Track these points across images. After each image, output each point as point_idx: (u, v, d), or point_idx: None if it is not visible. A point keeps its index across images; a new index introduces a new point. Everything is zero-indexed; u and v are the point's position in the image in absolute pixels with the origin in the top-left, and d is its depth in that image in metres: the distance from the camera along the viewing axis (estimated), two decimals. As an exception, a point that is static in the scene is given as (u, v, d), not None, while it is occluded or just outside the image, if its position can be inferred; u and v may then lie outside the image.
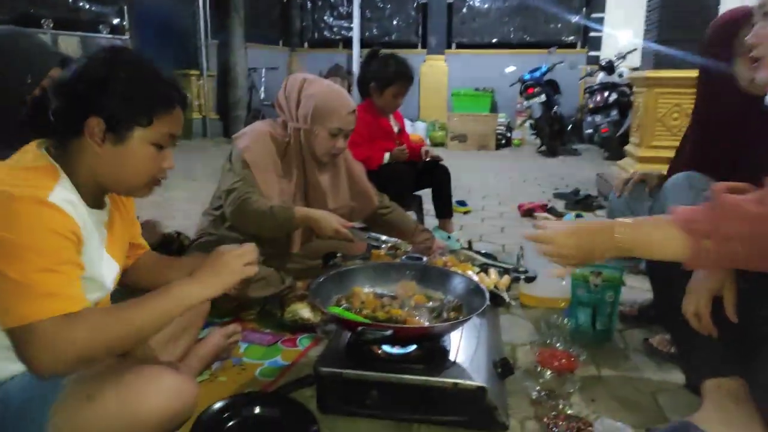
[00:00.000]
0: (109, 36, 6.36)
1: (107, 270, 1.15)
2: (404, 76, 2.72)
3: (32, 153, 1.07)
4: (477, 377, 1.34)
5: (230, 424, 1.32)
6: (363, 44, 8.72)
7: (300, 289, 2.13)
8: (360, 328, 1.33)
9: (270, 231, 1.90)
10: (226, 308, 2.08)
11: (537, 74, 7.33)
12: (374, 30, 10.02)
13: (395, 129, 2.83)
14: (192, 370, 1.50)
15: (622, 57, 6.79)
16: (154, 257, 1.39)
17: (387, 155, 2.69)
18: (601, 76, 6.88)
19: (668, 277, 1.41)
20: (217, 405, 1.34)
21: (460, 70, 9.10)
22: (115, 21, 6.60)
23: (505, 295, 1.81)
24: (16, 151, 1.08)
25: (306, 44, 10.45)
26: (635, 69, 5.43)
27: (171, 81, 1.12)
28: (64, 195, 1.01)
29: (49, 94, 1.05)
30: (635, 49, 6.40)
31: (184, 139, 1.85)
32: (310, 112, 1.98)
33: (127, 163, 1.08)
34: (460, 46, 9.74)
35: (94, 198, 1.11)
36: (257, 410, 1.36)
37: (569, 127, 7.68)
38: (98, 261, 1.11)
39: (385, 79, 2.70)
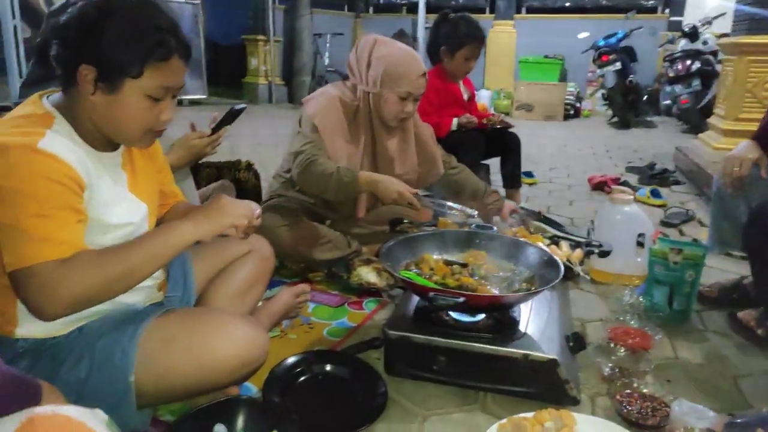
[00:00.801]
0: (183, 2, 6.50)
1: (133, 210, 1.14)
2: (476, 38, 2.64)
3: (31, 102, 1.07)
4: (548, 350, 1.31)
5: (302, 379, 1.36)
6: (428, 9, 8.53)
7: (366, 253, 2.16)
8: (431, 294, 1.32)
9: (334, 194, 1.90)
10: (294, 269, 2.13)
11: (613, 40, 6.94)
12: (441, -7, 9.76)
13: (465, 96, 2.76)
14: (262, 325, 1.55)
15: (708, 22, 6.31)
16: (188, 206, 1.37)
17: (455, 121, 2.64)
18: (683, 44, 6.44)
19: None
20: (290, 360, 1.39)
21: (529, 36, 8.76)
22: (187, -15, 6.73)
23: (579, 269, 1.75)
24: None
25: (371, 9, 10.32)
26: (723, 35, 5.04)
27: (168, 29, 1.03)
28: (57, 140, 1.00)
29: (48, 40, 1.02)
30: (724, 13, 5.94)
31: (251, 104, 1.86)
32: (379, 75, 1.95)
33: (120, 113, 1.04)
34: (530, 10, 9.35)
35: (102, 142, 1.09)
36: (327, 368, 1.40)
37: (645, 98, 7.28)
38: (118, 201, 1.11)
39: (456, 41, 2.63)
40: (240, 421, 1.13)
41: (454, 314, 1.43)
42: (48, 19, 1.08)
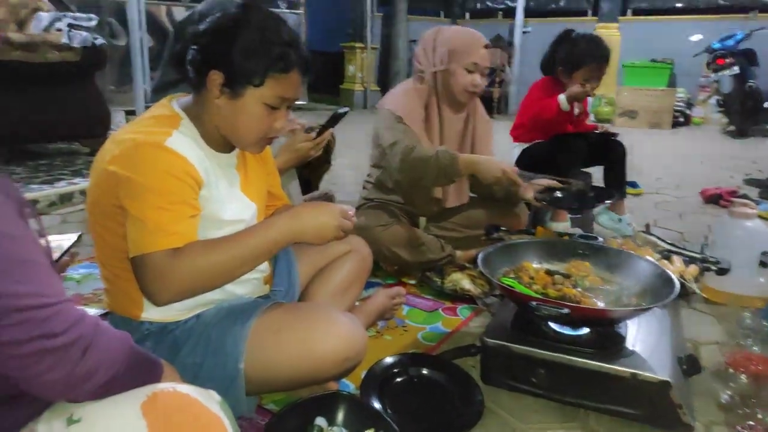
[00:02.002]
0: (286, 10, 6.82)
1: (243, 208, 1.21)
2: (596, 58, 2.45)
3: (161, 105, 1.17)
4: (660, 370, 1.23)
5: (398, 380, 1.37)
6: (527, 13, 8.33)
7: (461, 259, 2.14)
8: (533, 303, 1.29)
9: (434, 178, 1.89)
10: (388, 270, 2.16)
11: (730, 42, 6.41)
12: (540, -3, 9.49)
13: (576, 110, 2.59)
14: (363, 325, 1.59)
15: None
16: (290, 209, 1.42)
17: (562, 97, 2.41)
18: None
19: None
20: (387, 360, 1.40)
21: (634, 39, 8.28)
22: (293, -5, 7.06)
23: (694, 287, 1.63)
24: None
25: (467, 15, 10.26)
26: None
27: (291, 43, 1.09)
28: (182, 140, 1.08)
29: (187, 46, 1.10)
30: None
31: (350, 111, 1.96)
32: (446, 52, 2.00)
33: (239, 118, 1.11)
34: (637, 12, 8.85)
35: (221, 143, 1.17)
36: (424, 371, 1.40)
37: (765, 105, 6.65)
38: (231, 200, 1.18)
39: (574, 60, 2.46)
40: (340, 416, 1.16)
41: (555, 326, 1.38)
42: (183, 27, 1.18)
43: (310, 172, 2.45)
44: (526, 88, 2.79)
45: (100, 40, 3.53)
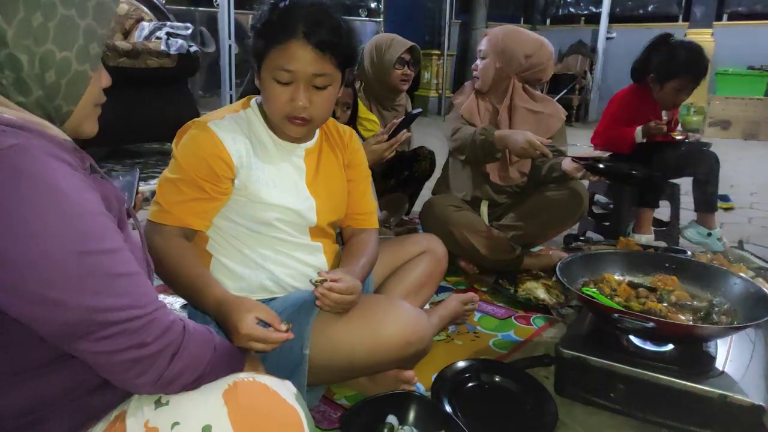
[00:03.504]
0: (366, 19, 6.96)
1: (296, 198, 1.22)
2: (694, 68, 2.34)
3: (244, 98, 1.25)
4: (752, 394, 1.16)
5: (469, 385, 1.37)
6: (612, 18, 8.02)
7: (535, 268, 2.11)
8: (616, 315, 1.24)
9: (480, 153, 2.06)
10: (463, 268, 2.16)
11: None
12: (627, 1, 9.11)
13: (665, 117, 2.49)
14: (432, 324, 1.58)
15: None
16: (364, 242, 1.34)
17: (639, 130, 2.38)
18: None
19: None
20: (459, 364, 1.40)
21: (730, 45, 7.77)
22: (373, 5, 7.20)
23: (793, 307, 1.52)
24: None
25: (548, 21, 10.03)
26: None
27: (290, 12, 1.09)
28: (231, 122, 1.17)
29: None
30: None
31: (421, 116, 1.95)
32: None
33: (264, 97, 1.16)
34: (733, 16, 8.31)
35: (278, 125, 1.19)
36: (496, 378, 1.39)
37: None
38: (281, 185, 1.20)
39: (669, 69, 2.34)
40: (411, 416, 1.17)
41: (636, 340, 1.33)
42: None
43: (413, 182, 2.55)
44: (608, 95, 2.69)
45: (194, 48, 3.75)
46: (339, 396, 1.36)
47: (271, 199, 1.19)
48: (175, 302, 1.68)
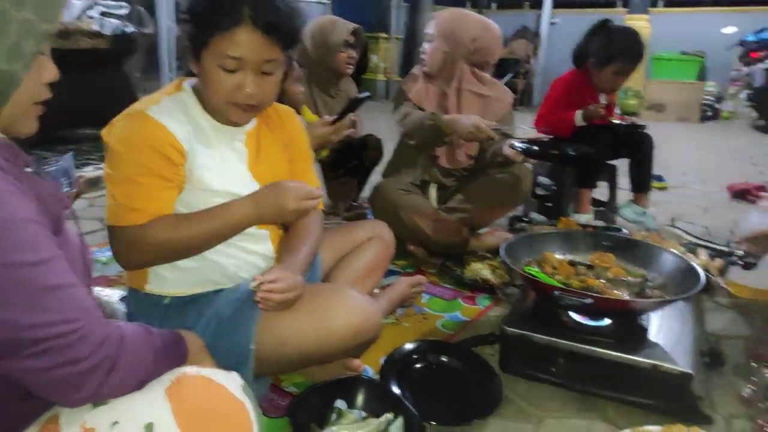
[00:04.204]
0: (313, 1, 6.84)
1: (241, 184, 1.18)
2: (630, 52, 2.43)
3: (176, 80, 1.19)
4: (682, 362, 1.23)
5: (417, 366, 1.39)
6: (555, 4, 8.20)
7: (475, 248, 2.15)
8: (556, 293, 1.29)
9: (424, 138, 2.09)
10: (412, 251, 2.19)
11: (765, 35, 6.22)
12: (568, -13, 9.32)
13: (603, 101, 2.57)
14: (380, 307, 1.59)
15: None
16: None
17: (578, 114, 2.46)
18: None
19: None
20: (407, 346, 1.42)
21: (665, 31, 8.10)
22: (318, -14, 7.08)
23: (719, 280, 1.62)
24: None
25: (494, 5, 10.14)
26: None
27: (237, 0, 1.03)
28: (169, 106, 1.10)
29: None
30: None
31: (368, 100, 1.93)
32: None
33: (205, 84, 1.10)
34: (669, 3, 8.65)
35: (222, 112, 1.14)
36: (443, 358, 1.41)
37: (800, 100, 6.46)
38: (225, 171, 1.16)
39: (608, 54, 2.42)
40: (360, 399, 1.18)
41: (576, 316, 1.38)
42: None
43: (362, 167, 2.52)
44: (552, 80, 2.76)
45: (130, 28, 3.58)
46: (287, 383, 1.35)
47: (215, 185, 1.15)
48: (113, 295, 1.62)
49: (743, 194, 3.33)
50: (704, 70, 7.51)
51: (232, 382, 0.83)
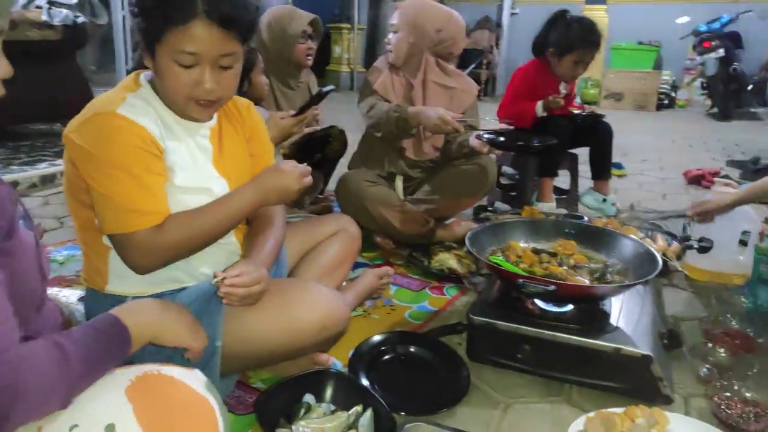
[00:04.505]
0: (272, -10, 6.71)
1: (208, 180, 1.16)
2: (589, 42, 2.48)
3: (129, 77, 1.15)
4: (642, 345, 1.26)
5: (386, 357, 1.39)
6: (516, -6, 8.29)
7: (442, 237, 2.17)
8: (520, 281, 1.31)
9: (394, 129, 2.07)
10: (379, 242, 2.20)
11: (716, 25, 6.44)
12: (528, -22, 9.42)
13: (563, 91, 2.62)
14: (348, 302, 1.59)
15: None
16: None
17: (539, 105, 2.51)
18: (798, 28, 5.88)
19: None
20: (375, 338, 1.42)
21: (622, 21, 8.27)
22: (278, -25, 6.94)
23: (676, 264, 1.67)
24: None
25: (455, -5, 10.15)
26: None
27: None
28: (136, 104, 1.06)
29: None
30: None
31: (333, 92, 1.92)
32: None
33: (161, 80, 1.07)
34: (625, -6, 8.82)
35: (182, 108, 1.11)
36: (411, 349, 1.42)
37: (749, 88, 6.72)
38: (191, 168, 1.13)
39: (567, 44, 2.47)
40: (328, 393, 1.17)
41: (540, 303, 1.40)
42: None
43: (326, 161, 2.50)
44: (514, 70, 2.79)
45: (81, 19, 3.45)
46: (254, 379, 1.33)
47: (185, 182, 1.13)
48: (71, 295, 1.57)
49: (698, 180, 3.44)
50: (660, 59, 7.72)
51: (195, 379, 0.81)
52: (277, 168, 1.19)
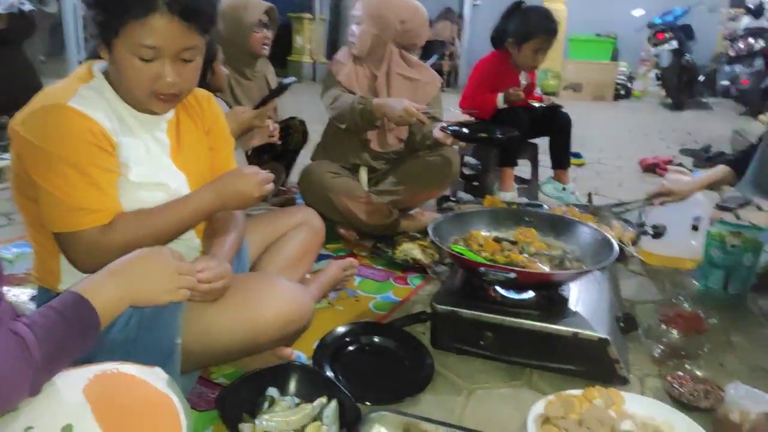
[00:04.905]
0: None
1: (171, 177, 1.14)
2: (546, 30, 2.53)
3: (82, 66, 1.10)
4: (599, 329, 1.30)
5: (350, 348, 1.39)
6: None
7: (406, 227, 2.18)
8: (482, 269, 1.32)
9: (359, 121, 2.05)
10: (343, 234, 2.19)
11: (670, 18, 6.63)
12: (489, -30, 9.49)
13: (523, 81, 2.67)
14: (312, 295, 1.58)
15: (775, -2, 5.96)
16: None
17: (500, 97, 2.56)
18: (746, 21, 6.11)
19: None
20: (339, 330, 1.42)
21: (580, 12, 8.43)
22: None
23: (632, 250, 1.72)
24: None
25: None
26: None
27: None
28: (88, 96, 1.03)
29: None
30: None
31: (297, 83, 1.92)
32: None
33: (119, 73, 1.03)
34: (582, -14, 8.97)
35: (142, 102, 1.09)
36: (375, 339, 1.43)
37: (701, 78, 6.96)
38: (147, 163, 1.11)
39: (525, 32, 2.52)
40: (292, 386, 1.17)
41: (502, 291, 1.43)
42: None
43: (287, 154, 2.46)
44: (476, 61, 2.82)
45: (27, 6, 3.30)
46: (217, 375, 1.32)
47: (140, 178, 1.09)
48: (22, 294, 1.52)
49: (653, 168, 3.55)
50: (617, 51, 7.90)
51: (155, 377, 0.80)
52: (238, 172, 1.16)
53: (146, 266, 0.90)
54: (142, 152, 1.11)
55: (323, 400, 1.11)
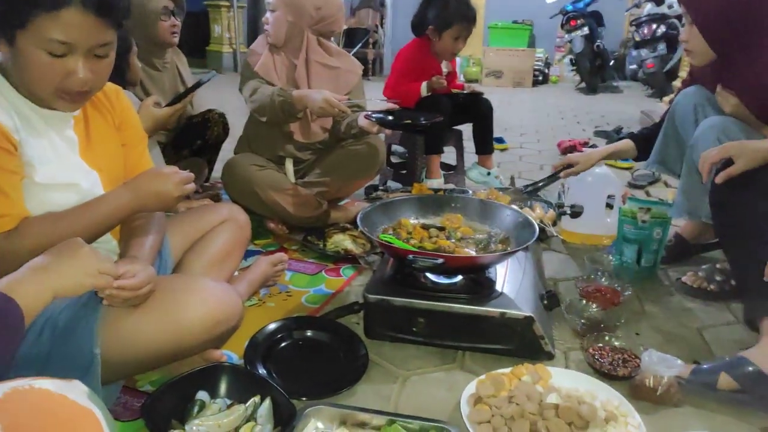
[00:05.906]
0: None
1: (82, 176, 1.10)
2: (466, 17, 2.58)
3: None
4: (524, 307, 1.35)
5: (282, 345, 1.37)
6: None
7: (336, 218, 2.17)
8: (410, 257, 1.34)
9: (279, 113, 2.00)
10: (272, 230, 2.14)
11: (580, 5, 6.94)
12: (408, -42, 9.54)
13: (445, 69, 2.72)
14: (241, 293, 1.54)
15: (673, -14, 6.37)
16: None
17: (424, 85, 2.60)
18: (648, 7, 6.50)
19: (736, 206, 1.35)
20: (270, 326, 1.39)
21: (498, 1, 8.69)
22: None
23: (552, 230, 1.80)
24: None
25: (337, -26, 10.03)
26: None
27: None
28: None
29: None
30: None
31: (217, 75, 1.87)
32: None
33: (23, 69, 0.98)
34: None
35: (46, 100, 1.04)
36: (308, 333, 1.41)
37: (611, 63, 7.35)
38: (55, 162, 1.06)
39: (444, 20, 2.57)
40: (222, 387, 1.14)
41: (432, 276, 1.45)
42: None
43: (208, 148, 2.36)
44: (399, 49, 2.84)
45: None
46: (142, 382, 1.26)
47: (47, 179, 1.02)
48: None
49: (570, 150, 3.71)
50: (533, 37, 8.19)
51: (75, 390, 0.75)
52: (156, 172, 1.11)
53: (65, 255, 0.87)
54: (48, 151, 1.04)
55: (256, 399, 1.09)
